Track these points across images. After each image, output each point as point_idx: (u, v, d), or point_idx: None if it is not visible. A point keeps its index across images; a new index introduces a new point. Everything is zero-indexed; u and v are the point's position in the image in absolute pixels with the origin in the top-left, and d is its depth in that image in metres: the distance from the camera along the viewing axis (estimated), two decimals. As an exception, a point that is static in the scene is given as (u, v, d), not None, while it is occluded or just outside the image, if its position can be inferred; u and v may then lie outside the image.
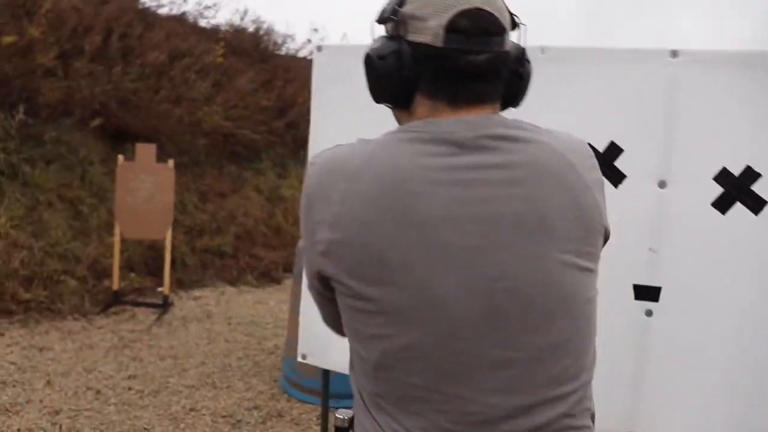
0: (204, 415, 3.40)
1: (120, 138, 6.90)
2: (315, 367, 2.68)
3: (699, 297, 1.89)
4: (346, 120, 2.39)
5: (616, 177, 1.96)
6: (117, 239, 5.08)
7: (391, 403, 0.95)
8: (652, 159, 1.91)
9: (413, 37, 0.95)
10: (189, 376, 3.88)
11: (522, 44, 1.03)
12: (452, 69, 0.94)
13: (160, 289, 5.49)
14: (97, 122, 6.45)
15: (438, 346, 0.90)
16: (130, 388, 3.61)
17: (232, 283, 6.23)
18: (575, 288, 0.93)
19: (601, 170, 1.98)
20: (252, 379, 3.94)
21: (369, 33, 1.04)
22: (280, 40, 10.64)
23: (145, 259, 5.92)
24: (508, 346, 0.91)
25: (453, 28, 0.93)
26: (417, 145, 0.93)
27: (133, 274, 5.64)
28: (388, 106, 1.05)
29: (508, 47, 0.98)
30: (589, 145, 1.99)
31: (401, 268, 0.89)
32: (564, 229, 0.92)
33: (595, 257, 0.97)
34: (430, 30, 0.94)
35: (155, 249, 6.00)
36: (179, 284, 5.69)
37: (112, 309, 4.94)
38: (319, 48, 2.40)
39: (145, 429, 3.18)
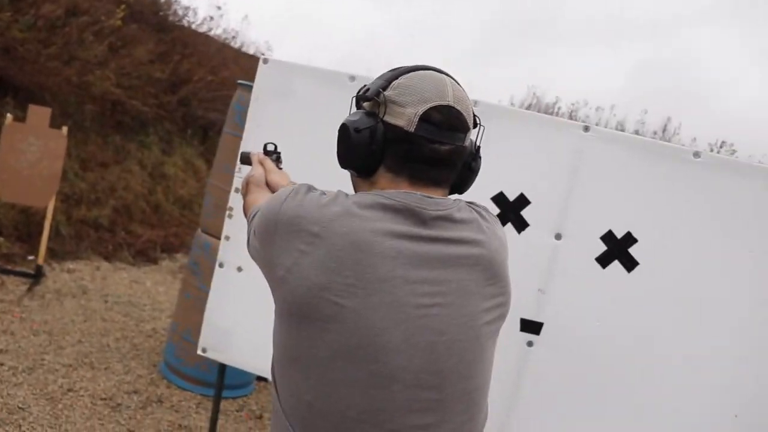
0: (82, 396, 3.35)
1: (0, 90, 6.44)
2: (197, 356, 2.73)
3: (573, 335, 2.21)
4: (278, 135, 2.50)
5: (521, 224, 2.24)
6: (-8, 201, 4.78)
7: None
8: (553, 214, 2.20)
9: (389, 119, 1.08)
10: (65, 354, 3.77)
11: (478, 143, 1.21)
12: (417, 153, 1.08)
13: (31, 258, 5.23)
14: (-23, 70, 5.98)
15: (377, 386, 1.02)
16: (1, 364, 3.47)
17: (108, 258, 6.03)
18: (489, 343, 1.14)
19: (508, 217, 2.28)
20: (131, 362, 3.90)
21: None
22: (181, 12, 10.31)
23: (15, 224, 5.60)
24: (438, 389, 1.05)
25: (426, 118, 1.06)
26: (389, 212, 1.05)
27: (1, 239, 5.32)
28: (351, 173, 1.18)
29: (466, 143, 1.14)
30: (501, 193, 2.27)
31: (354, 314, 1.00)
32: (489, 294, 1.12)
33: (503, 317, 1.17)
34: (406, 116, 1.07)
35: (27, 214, 5.69)
36: (52, 254, 5.43)
37: (-22, 274, 4.65)
38: (265, 60, 2.50)
39: (20, 408, 3.09)
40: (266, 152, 1.68)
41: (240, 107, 3.62)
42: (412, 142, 1.07)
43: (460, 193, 1.22)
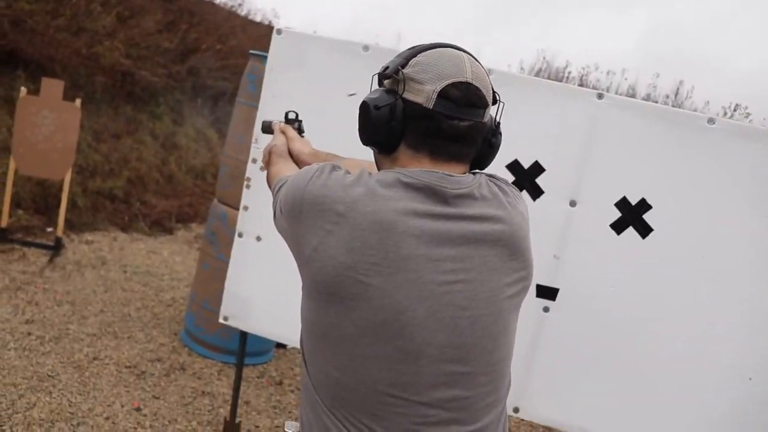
0: (108, 364, 3.45)
1: (11, 63, 6.47)
2: (217, 324, 2.80)
3: (588, 300, 2.25)
4: (294, 105, 2.52)
5: (536, 192, 2.27)
6: (10, 174, 4.85)
7: (355, 406, 1.08)
8: (568, 181, 2.23)
9: (408, 96, 1.10)
10: (89, 324, 3.87)
11: (498, 119, 1.21)
12: (436, 129, 1.10)
13: (50, 230, 5.32)
14: (-11, 44, 6.01)
15: (404, 361, 1.05)
16: (29, 333, 3.57)
17: (124, 229, 6.12)
18: (512, 316, 1.17)
19: (523, 185, 2.30)
20: (152, 331, 4.00)
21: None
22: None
23: (33, 196, 5.68)
24: (463, 362, 1.09)
25: (445, 95, 1.08)
26: (411, 191, 1.07)
27: (20, 211, 5.40)
28: (372, 149, 1.21)
29: (486, 119, 1.15)
30: (516, 161, 2.29)
31: (379, 292, 1.04)
32: (511, 269, 1.14)
33: (525, 290, 1.20)
34: (424, 93, 1.09)
35: (44, 186, 5.77)
36: (69, 226, 5.51)
37: (0, 247, 4.74)
38: (279, 31, 2.51)
39: (50, 376, 3.19)
40: (288, 120, 1.70)
41: (253, 77, 3.63)
42: (431, 119, 1.09)
43: (481, 168, 1.23)
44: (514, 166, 2.26)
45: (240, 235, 2.65)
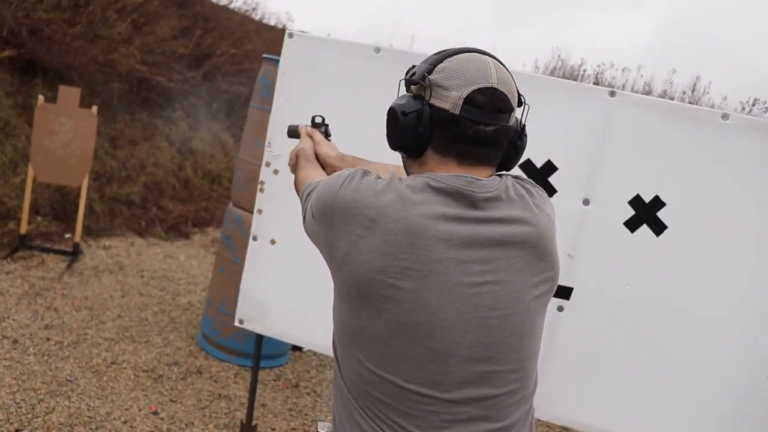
0: (125, 368, 3.48)
1: (30, 72, 6.56)
2: (233, 327, 2.82)
3: (602, 299, 2.23)
4: (307, 108, 2.53)
5: (549, 191, 2.25)
6: (29, 182, 4.91)
7: (386, 404, 1.11)
8: (581, 180, 2.21)
9: (435, 102, 1.12)
10: (107, 329, 3.91)
11: (523, 121, 1.22)
12: (463, 134, 1.12)
13: (68, 236, 5.38)
14: (7, 53, 6.09)
15: (434, 361, 1.09)
16: (48, 339, 3.61)
17: (141, 234, 6.17)
18: (539, 316, 1.18)
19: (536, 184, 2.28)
20: (169, 335, 4.03)
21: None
22: (201, -14, 10.29)
23: (51, 203, 5.75)
24: (492, 361, 1.12)
25: (470, 101, 1.10)
26: (440, 195, 1.10)
27: (39, 218, 5.47)
28: (401, 154, 1.23)
29: (511, 122, 1.16)
30: (529, 160, 2.29)
31: (411, 294, 1.07)
32: (538, 269, 1.15)
33: (552, 290, 1.21)
34: (450, 99, 1.10)
35: (62, 193, 5.84)
36: (87, 232, 5.57)
37: (19, 254, 4.80)
38: (291, 35, 2.52)
39: (68, 380, 3.23)
40: (314, 125, 1.71)
41: (266, 81, 3.65)
42: (457, 124, 1.11)
43: (507, 170, 1.24)
44: (526, 166, 2.25)
45: (254, 239, 2.66)
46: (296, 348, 4.08)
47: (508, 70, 1.16)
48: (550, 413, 2.31)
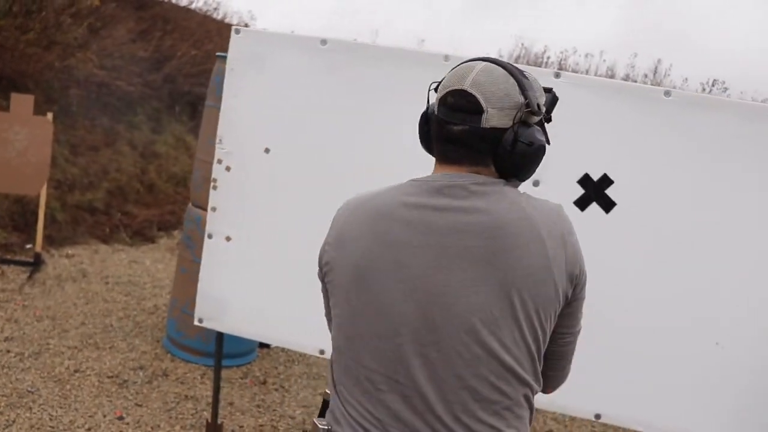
0: (89, 375, 3.43)
1: (-18, 81, 6.42)
2: (197, 327, 2.79)
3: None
4: (256, 102, 2.51)
5: (499, 175, 2.27)
6: (-16, 192, 4.81)
7: (348, 386, 1.19)
8: (530, 162, 2.23)
9: (432, 107, 1.25)
10: (70, 337, 3.85)
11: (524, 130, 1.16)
12: (438, 133, 1.21)
13: (29, 246, 5.28)
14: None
15: (383, 339, 1.15)
16: (8, 351, 3.54)
17: (105, 240, 6.08)
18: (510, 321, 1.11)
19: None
20: (134, 340, 3.98)
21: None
22: (159, -13, 10.16)
23: (11, 214, 5.63)
24: (437, 347, 1.12)
25: (443, 102, 1.19)
26: (412, 188, 1.19)
27: (-2, 229, 5.36)
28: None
29: (488, 125, 1.13)
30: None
31: (367, 274, 1.16)
32: (492, 260, 1.10)
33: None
34: (436, 102, 1.22)
35: (22, 203, 5.72)
36: (49, 241, 5.48)
37: (-22, 265, 4.71)
38: (237, 31, 2.50)
39: (29, 392, 3.17)
40: None
41: (220, 79, 3.60)
42: (436, 124, 1.22)
43: (519, 178, 1.21)
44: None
45: (210, 236, 2.63)
46: (264, 345, 4.05)
47: (501, 76, 1.14)
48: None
